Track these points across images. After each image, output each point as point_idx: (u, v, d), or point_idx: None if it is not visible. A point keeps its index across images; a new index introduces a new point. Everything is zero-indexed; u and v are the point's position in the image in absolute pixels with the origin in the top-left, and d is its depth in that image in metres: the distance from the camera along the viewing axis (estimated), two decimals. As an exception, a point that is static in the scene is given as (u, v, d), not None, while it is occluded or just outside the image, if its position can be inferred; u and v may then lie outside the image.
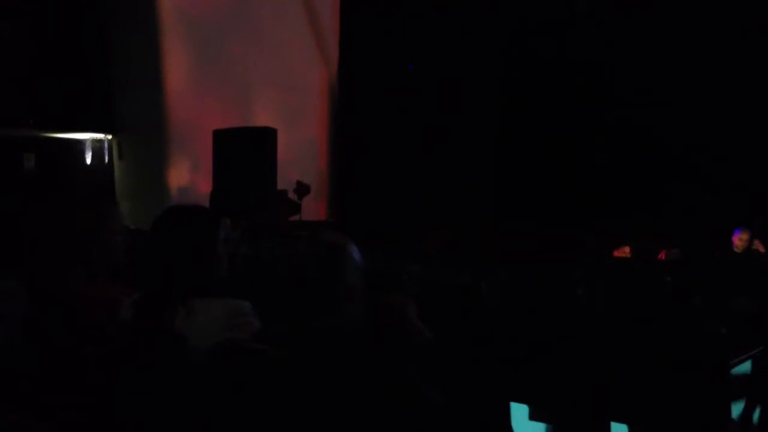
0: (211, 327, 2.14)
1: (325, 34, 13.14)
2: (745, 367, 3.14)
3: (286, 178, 11.11)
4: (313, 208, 12.09)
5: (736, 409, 3.04)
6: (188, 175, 11.91)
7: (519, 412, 3.44)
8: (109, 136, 12.19)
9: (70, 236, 2.27)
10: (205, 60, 11.89)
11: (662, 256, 7.37)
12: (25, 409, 1.79)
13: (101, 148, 12.25)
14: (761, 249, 7.82)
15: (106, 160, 12.26)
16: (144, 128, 11.90)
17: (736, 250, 7.73)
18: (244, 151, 10.45)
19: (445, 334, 2.26)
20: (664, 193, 10.17)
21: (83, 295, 2.17)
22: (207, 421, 1.95)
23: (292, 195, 11.12)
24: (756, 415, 3.27)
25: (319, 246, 2.04)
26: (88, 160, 12.19)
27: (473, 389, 2.11)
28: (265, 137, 10.67)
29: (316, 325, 1.97)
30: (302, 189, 11.20)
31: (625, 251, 7.98)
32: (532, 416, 3.47)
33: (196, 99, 11.82)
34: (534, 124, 11.58)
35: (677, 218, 9.36)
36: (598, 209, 10.44)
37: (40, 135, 11.47)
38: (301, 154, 12.39)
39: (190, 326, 2.13)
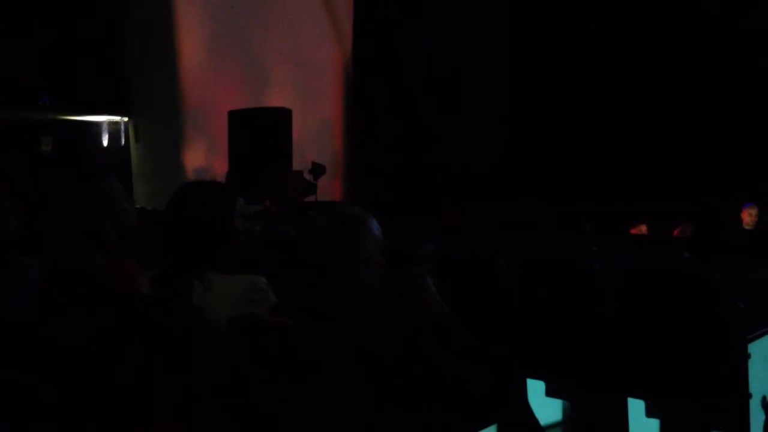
0: (228, 302, 2.15)
1: (339, 13, 13.07)
2: (766, 342, 3.11)
3: (301, 159, 11.12)
4: (329, 188, 12.10)
5: (757, 385, 3.02)
6: (204, 156, 11.93)
7: (536, 388, 3.44)
8: (126, 119, 12.21)
9: (80, 210, 2.28)
10: (220, 41, 11.88)
11: (676, 233, 7.31)
12: (44, 378, 1.82)
13: (118, 131, 12.28)
14: None
15: (123, 143, 12.29)
16: (160, 110, 11.91)
17: (745, 226, 7.62)
18: (259, 132, 10.46)
19: (462, 308, 2.25)
20: (677, 170, 10.15)
21: (100, 270, 2.18)
22: (226, 392, 1.97)
23: (307, 175, 11.13)
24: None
25: (340, 217, 2.05)
26: (105, 143, 12.22)
27: (490, 364, 2.11)
28: (280, 117, 10.69)
29: (335, 295, 1.98)
30: (318, 169, 11.21)
31: (641, 229, 7.95)
32: (549, 392, 3.47)
33: (211, 80, 11.82)
34: (551, 101, 11.54)
35: (690, 195, 9.34)
36: (614, 188, 10.43)
37: (57, 118, 11.51)
38: (316, 135, 12.38)
39: (207, 301, 2.13)
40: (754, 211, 7.64)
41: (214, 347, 1.99)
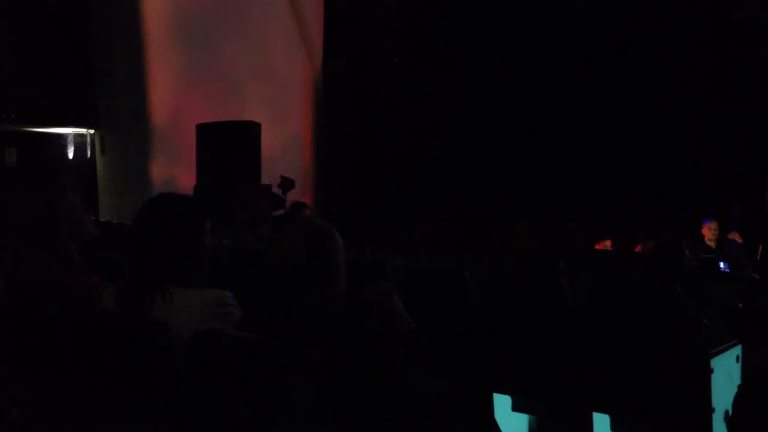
0: (191, 316, 2.12)
1: (309, 28, 13.11)
2: (728, 357, 3.16)
3: (270, 173, 11.08)
4: (298, 203, 12.05)
5: (720, 399, 3.06)
6: (171, 170, 11.84)
7: (502, 403, 3.45)
8: (92, 131, 12.10)
9: (35, 222, 2.24)
10: (189, 54, 11.83)
11: (638, 248, 7.39)
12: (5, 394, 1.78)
13: (84, 143, 12.16)
14: (738, 240, 7.83)
15: (89, 155, 12.16)
16: (127, 123, 11.82)
17: (707, 241, 7.74)
18: (227, 146, 10.40)
19: (428, 323, 2.26)
20: (641, 187, 10.31)
21: (59, 283, 2.15)
22: (189, 410, 1.94)
23: (276, 190, 11.10)
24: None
25: (310, 227, 2.05)
26: (71, 155, 12.09)
27: (456, 379, 2.11)
28: (249, 131, 10.64)
29: (302, 307, 1.97)
30: (287, 183, 11.18)
31: (606, 245, 8.03)
32: (515, 407, 3.48)
33: (179, 93, 11.76)
34: (519, 118, 11.65)
35: (654, 210, 9.47)
36: (580, 203, 10.55)
37: (21, 129, 11.38)
38: (286, 149, 12.37)
39: (168, 315, 2.10)
40: (713, 226, 7.79)
41: (176, 363, 1.97)
